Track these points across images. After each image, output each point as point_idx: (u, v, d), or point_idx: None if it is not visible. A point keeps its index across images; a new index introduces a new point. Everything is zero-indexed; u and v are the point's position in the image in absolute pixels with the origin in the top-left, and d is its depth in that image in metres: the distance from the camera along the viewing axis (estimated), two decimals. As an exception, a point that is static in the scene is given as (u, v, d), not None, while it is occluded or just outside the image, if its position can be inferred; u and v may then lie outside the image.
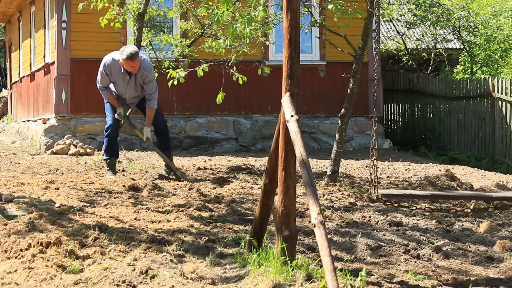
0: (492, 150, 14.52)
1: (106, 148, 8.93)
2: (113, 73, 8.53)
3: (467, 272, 4.93)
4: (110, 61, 8.51)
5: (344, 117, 9.03)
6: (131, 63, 8.30)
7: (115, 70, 8.51)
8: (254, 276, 4.28)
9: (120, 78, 8.55)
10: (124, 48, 8.40)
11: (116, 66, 8.48)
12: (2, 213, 6.01)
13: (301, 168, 4.20)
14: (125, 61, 8.29)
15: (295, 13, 4.51)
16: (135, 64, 8.33)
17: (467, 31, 19.07)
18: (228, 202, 7.20)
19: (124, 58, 8.28)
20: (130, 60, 8.27)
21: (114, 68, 8.50)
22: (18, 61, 19.40)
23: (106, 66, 8.52)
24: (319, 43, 14.73)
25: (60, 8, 13.74)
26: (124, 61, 8.30)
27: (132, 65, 8.34)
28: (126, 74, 8.50)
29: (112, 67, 8.51)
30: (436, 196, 5.66)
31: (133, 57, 8.25)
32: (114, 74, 8.54)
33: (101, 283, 4.33)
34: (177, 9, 11.21)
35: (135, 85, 8.61)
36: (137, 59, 8.31)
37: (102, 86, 8.66)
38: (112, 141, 8.91)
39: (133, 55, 8.25)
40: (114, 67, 8.50)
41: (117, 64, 8.47)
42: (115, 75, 8.54)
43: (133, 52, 8.25)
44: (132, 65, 8.33)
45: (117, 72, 8.51)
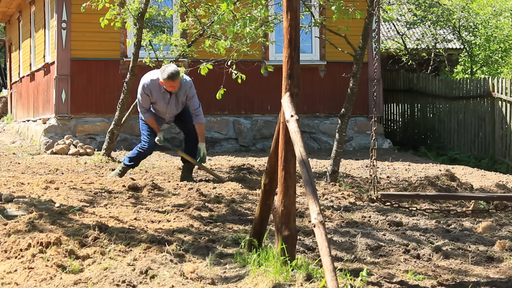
0: (492, 150, 14.52)
1: (134, 159, 8.83)
2: (153, 93, 8.44)
3: (467, 272, 4.93)
4: (148, 82, 8.43)
5: (344, 117, 9.03)
6: (171, 83, 8.23)
7: (155, 90, 8.41)
8: (254, 276, 4.28)
9: (160, 97, 8.45)
10: (164, 67, 8.31)
11: (156, 85, 8.39)
12: (2, 213, 6.02)
13: (301, 168, 4.20)
14: (166, 81, 8.21)
15: (295, 13, 4.51)
16: (175, 84, 8.26)
17: (467, 31, 19.07)
18: (228, 202, 7.20)
19: (165, 78, 8.20)
20: (171, 80, 8.20)
21: (154, 88, 8.40)
22: (18, 61, 19.39)
23: (146, 87, 8.43)
24: (319, 43, 14.73)
25: (60, 8, 13.74)
26: (165, 81, 8.22)
27: (172, 85, 8.27)
28: (167, 93, 8.42)
29: (152, 87, 8.42)
30: (437, 197, 5.66)
31: (174, 77, 8.19)
32: (154, 94, 8.44)
33: (101, 283, 4.33)
34: (177, 9, 11.22)
35: (176, 103, 8.53)
36: (178, 78, 8.24)
37: (144, 108, 8.57)
38: (142, 157, 8.86)
39: (174, 75, 8.18)
40: (154, 86, 8.40)
41: (156, 83, 8.38)
42: (156, 95, 8.44)
43: (174, 72, 8.17)
44: (173, 84, 8.26)
45: (157, 91, 8.42)
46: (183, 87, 8.41)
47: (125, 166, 8.89)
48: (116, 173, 8.90)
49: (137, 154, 8.79)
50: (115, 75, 13.98)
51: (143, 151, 8.75)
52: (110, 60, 14.05)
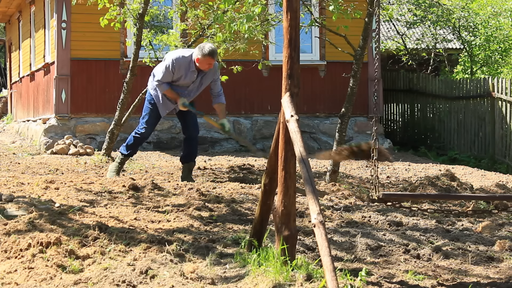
0: (492, 150, 14.52)
1: (130, 146, 8.69)
2: (180, 70, 8.24)
3: (467, 272, 4.92)
4: (180, 57, 8.22)
5: (344, 117, 9.03)
6: (210, 59, 8.09)
7: (184, 67, 8.23)
8: (254, 276, 4.28)
9: (187, 75, 8.28)
10: (203, 45, 8.13)
11: (186, 63, 8.22)
12: (2, 213, 6.02)
13: (301, 168, 4.19)
14: (205, 57, 8.05)
15: (295, 13, 4.51)
16: (213, 61, 8.14)
17: (467, 31, 19.08)
18: (228, 202, 7.20)
19: (205, 54, 8.02)
20: (210, 56, 8.06)
21: (184, 65, 8.22)
22: (18, 61, 19.40)
23: (175, 62, 8.20)
24: (319, 43, 14.74)
25: (60, 8, 13.75)
26: (205, 57, 8.05)
27: (210, 62, 8.13)
28: (195, 72, 8.27)
29: (181, 64, 8.21)
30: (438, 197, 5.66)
31: (214, 54, 8.08)
32: (181, 71, 8.25)
33: (101, 283, 4.33)
34: (177, 9, 11.22)
35: (199, 84, 8.42)
36: (216, 56, 8.15)
37: (161, 81, 8.33)
38: (139, 143, 8.73)
39: (215, 52, 8.08)
40: (184, 63, 8.21)
41: (187, 60, 8.20)
42: (183, 72, 8.26)
43: (215, 49, 8.09)
44: (210, 62, 8.12)
45: (185, 69, 8.24)
46: (212, 69, 8.30)
47: (123, 156, 8.80)
48: (115, 166, 8.83)
49: (134, 140, 8.66)
50: (115, 75, 13.99)
51: (140, 136, 8.62)
52: (110, 60, 14.06)
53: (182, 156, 8.84)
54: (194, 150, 8.77)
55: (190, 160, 8.78)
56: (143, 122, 8.63)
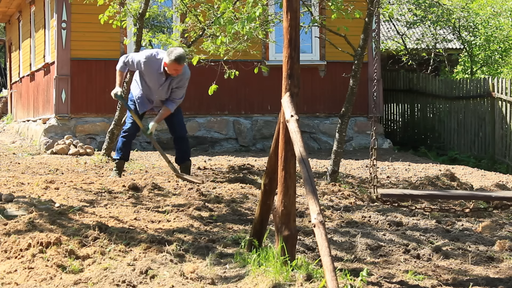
0: (492, 150, 14.52)
1: (120, 148, 8.70)
2: (149, 69, 8.21)
3: (467, 272, 4.93)
4: (152, 56, 8.18)
5: (344, 117, 9.03)
6: (176, 66, 8.03)
7: (154, 67, 8.20)
8: (254, 276, 4.28)
9: (155, 77, 8.25)
10: (173, 49, 8.09)
11: (157, 64, 8.18)
12: (2, 213, 6.02)
13: (301, 168, 4.20)
14: (172, 62, 8.00)
15: (295, 13, 4.51)
16: (180, 67, 8.07)
17: (467, 31, 19.08)
18: (228, 202, 7.20)
19: (172, 59, 7.98)
20: (177, 62, 8.00)
21: (154, 65, 8.19)
22: (18, 61, 19.40)
23: (147, 60, 8.19)
24: (319, 43, 14.73)
25: (60, 8, 13.75)
26: (171, 62, 8.00)
27: (176, 68, 8.07)
28: (164, 75, 8.23)
29: (152, 63, 8.19)
30: (436, 196, 5.66)
31: (182, 60, 7.99)
32: (150, 71, 8.23)
33: (101, 283, 4.33)
34: (177, 9, 11.22)
35: (167, 89, 8.34)
36: (183, 63, 8.07)
37: (123, 65, 8.32)
38: (127, 143, 8.70)
39: (182, 58, 7.99)
40: (154, 64, 8.18)
41: (158, 62, 8.17)
42: (151, 73, 8.24)
43: (182, 55, 8.00)
44: (177, 68, 8.06)
45: (154, 70, 8.21)
46: (181, 75, 8.23)
47: (117, 161, 8.80)
48: (114, 172, 8.83)
49: (121, 141, 8.69)
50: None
51: (125, 134, 8.63)
52: (110, 60, 14.04)
53: (176, 157, 8.79)
54: (186, 149, 8.72)
55: (184, 160, 8.75)
56: (127, 121, 8.70)
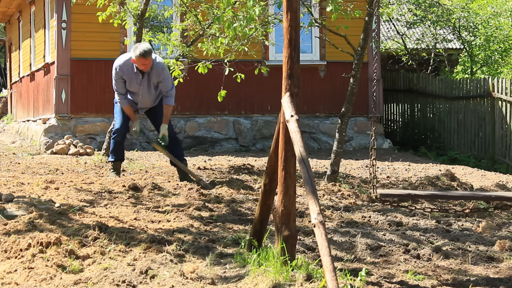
0: (492, 150, 14.52)
1: (112, 150, 8.70)
2: (125, 74, 8.27)
3: (467, 272, 4.93)
4: (121, 62, 8.26)
5: (344, 117, 9.03)
6: (143, 60, 8.05)
7: (128, 70, 8.24)
8: (254, 276, 4.28)
9: (133, 78, 8.28)
10: (137, 45, 8.14)
11: (129, 65, 8.21)
12: (2, 213, 6.02)
13: (301, 168, 4.20)
14: (138, 58, 8.03)
15: (295, 13, 4.51)
16: (147, 61, 8.07)
17: (467, 31, 19.08)
18: (228, 202, 7.20)
19: (137, 55, 8.01)
20: (142, 57, 8.01)
21: (127, 68, 8.22)
22: (18, 61, 19.40)
23: (119, 69, 8.25)
24: (319, 43, 14.74)
25: (60, 8, 13.75)
26: (137, 58, 8.04)
27: (144, 63, 8.08)
28: (139, 73, 8.25)
29: (124, 68, 8.23)
30: (436, 196, 5.66)
31: (146, 54, 8.00)
32: (126, 75, 8.28)
33: (101, 283, 4.33)
34: (177, 9, 11.22)
35: (148, 86, 8.34)
36: (150, 56, 8.06)
37: (119, 92, 8.41)
38: (119, 145, 8.68)
39: (146, 52, 8.00)
40: (127, 66, 8.22)
41: (129, 63, 8.22)
42: (128, 76, 8.28)
43: (146, 49, 8.01)
44: (145, 62, 8.07)
45: (130, 72, 8.23)
46: (155, 69, 8.20)
47: (111, 163, 8.79)
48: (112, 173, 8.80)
49: (113, 143, 8.67)
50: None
51: (115, 136, 8.59)
52: (110, 60, 13.99)
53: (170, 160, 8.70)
54: (178, 150, 8.64)
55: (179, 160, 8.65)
56: (115, 123, 8.68)
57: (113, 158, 8.74)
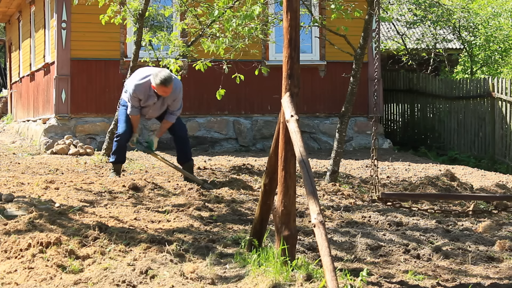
0: (492, 150, 14.52)
1: (115, 152, 8.66)
2: (142, 95, 8.18)
3: (467, 272, 4.93)
4: (138, 84, 8.14)
5: (344, 117, 9.03)
6: (164, 88, 7.98)
7: (145, 92, 8.15)
8: (254, 276, 4.28)
9: (148, 98, 8.18)
10: (157, 72, 7.99)
11: (146, 87, 8.11)
12: (2, 213, 6.02)
13: (301, 168, 4.19)
14: (159, 86, 7.95)
15: (295, 13, 4.51)
16: (168, 89, 8.01)
17: (467, 31, 19.08)
18: (228, 202, 7.20)
19: (158, 84, 7.93)
20: (163, 85, 7.94)
21: (144, 90, 8.13)
22: (18, 61, 19.40)
23: (136, 90, 8.14)
24: (319, 43, 14.73)
25: (60, 8, 13.74)
26: (158, 86, 7.95)
27: (165, 90, 8.01)
28: (155, 96, 8.17)
29: (141, 89, 8.14)
30: (437, 196, 5.66)
31: (167, 83, 7.92)
32: (143, 95, 8.19)
33: (101, 283, 4.33)
34: (177, 8, 11.22)
35: (161, 105, 8.30)
36: (171, 84, 7.99)
37: (133, 105, 8.28)
38: (122, 148, 8.64)
39: (167, 81, 7.92)
40: (144, 88, 8.13)
41: (146, 85, 8.09)
42: (144, 96, 8.19)
43: (167, 78, 7.91)
44: (166, 90, 8.01)
45: (146, 93, 8.15)
46: (173, 92, 8.16)
47: (113, 164, 8.77)
48: (112, 174, 8.80)
49: (116, 146, 8.64)
50: (115, 75, 13.99)
51: (119, 139, 8.53)
52: (110, 60, 14.05)
53: (178, 157, 8.76)
54: (187, 149, 8.67)
55: (186, 160, 8.69)
56: (120, 127, 8.59)
57: (114, 159, 8.74)
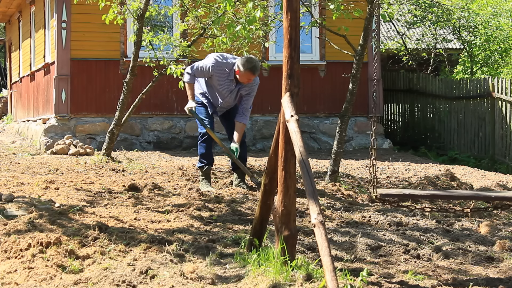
0: (492, 150, 14.52)
1: (203, 154, 8.14)
2: (217, 76, 7.88)
3: (467, 272, 4.93)
4: (220, 62, 7.86)
5: (344, 117, 9.03)
6: (250, 75, 7.73)
7: (222, 74, 7.87)
8: (254, 276, 4.28)
9: (224, 83, 7.91)
10: (246, 59, 7.75)
11: (226, 70, 7.85)
12: (2, 213, 6.02)
13: (301, 168, 4.20)
14: (246, 72, 7.70)
15: (295, 13, 4.51)
16: (253, 77, 7.78)
17: (467, 31, 19.07)
18: (228, 202, 7.20)
19: (248, 69, 7.67)
20: (251, 72, 7.70)
21: (223, 71, 7.86)
22: (18, 61, 19.40)
23: (215, 65, 7.83)
24: (319, 43, 14.74)
25: (60, 8, 13.75)
26: (245, 71, 7.70)
27: (250, 78, 7.78)
28: (234, 82, 7.90)
29: (221, 70, 7.86)
30: (436, 196, 5.66)
31: (256, 70, 7.69)
32: (218, 77, 7.89)
33: (101, 283, 4.33)
34: (177, 9, 11.22)
35: (236, 96, 8.04)
36: (258, 72, 7.77)
37: (191, 76, 7.92)
38: (209, 148, 8.16)
39: (257, 68, 7.70)
40: (223, 71, 7.86)
41: (228, 68, 7.84)
42: (219, 79, 7.90)
43: (257, 66, 7.70)
44: (250, 77, 7.78)
45: (224, 77, 7.88)
46: (251, 83, 7.91)
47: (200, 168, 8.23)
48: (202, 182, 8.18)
49: (203, 147, 8.15)
50: (115, 75, 13.99)
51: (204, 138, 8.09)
52: (110, 60, 14.06)
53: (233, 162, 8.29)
54: (244, 155, 8.29)
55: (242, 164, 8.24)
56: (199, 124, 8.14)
57: (203, 163, 8.18)
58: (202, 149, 8.16)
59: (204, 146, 8.15)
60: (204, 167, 8.18)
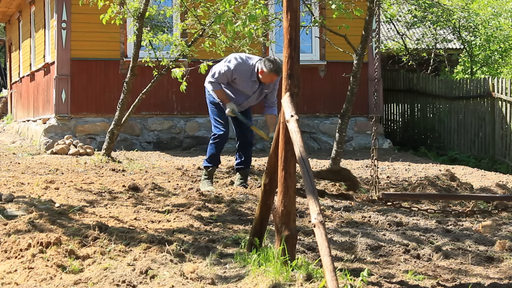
0: (492, 150, 14.52)
1: (212, 155, 8.15)
2: (240, 78, 7.86)
3: (467, 272, 4.92)
4: (242, 64, 7.83)
5: (344, 117, 9.03)
6: (274, 76, 7.73)
7: (245, 75, 7.84)
8: (254, 276, 4.28)
9: (247, 84, 7.89)
10: (269, 60, 7.72)
11: (248, 71, 7.83)
12: (2, 213, 6.01)
13: (301, 168, 4.19)
14: (270, 73, 7.69)
15: (295, 13, 4.51)
16: (277, 78, 7.74)
17: (467, 31, 19.07)
18: (228, 202, 7.20)
19: (271, 70, 7.66)
20: (275, 73, 7.67)
21: (245, 72, 7.83)
22: (18, 61, 19.40)
23: (237, 68, 7.82)
24: (319, 43, 14.73)
25: (60, 8, 13.75)
26: (269, 73, 7.69)
27: (273, 79, 7.77)
28: (257, 82, 7.87)
29: (243, 71, 7.83)
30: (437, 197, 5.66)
31: (280, 71, 7.54)
32: (241, 79, 7.87)
33: (101, 283, 4.33)
34: (177, 9, 11.22)
35: (259, 95, 8.02)
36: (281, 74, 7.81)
37: (216, 82, 7.94)
38: (219, 150, 8.17)
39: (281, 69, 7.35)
40: (245, 71, 7.83)
41: (249, 69, 7.82)
42: (243, 81, 7.87)
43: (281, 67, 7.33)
44: (274, 78, 7.77)
45: (246, 78, 7.85)
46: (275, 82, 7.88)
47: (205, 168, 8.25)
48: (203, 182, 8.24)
49: (214, 148, 8.15)
50: (115, 75, 13.99)
51: (218, 140, 8.13)
52: (110, 60, 14.06)
53: (239, 163, 8.32)
54: (250, 156, 8.33)
55: (246, 166, 8.35)
56: (214, 124, 8.22)
57: (210, 163, 8.22)
58: (213, 150, 8.21)
59: (215, 147, 8.20)
60: (209, 167, 8.25)
